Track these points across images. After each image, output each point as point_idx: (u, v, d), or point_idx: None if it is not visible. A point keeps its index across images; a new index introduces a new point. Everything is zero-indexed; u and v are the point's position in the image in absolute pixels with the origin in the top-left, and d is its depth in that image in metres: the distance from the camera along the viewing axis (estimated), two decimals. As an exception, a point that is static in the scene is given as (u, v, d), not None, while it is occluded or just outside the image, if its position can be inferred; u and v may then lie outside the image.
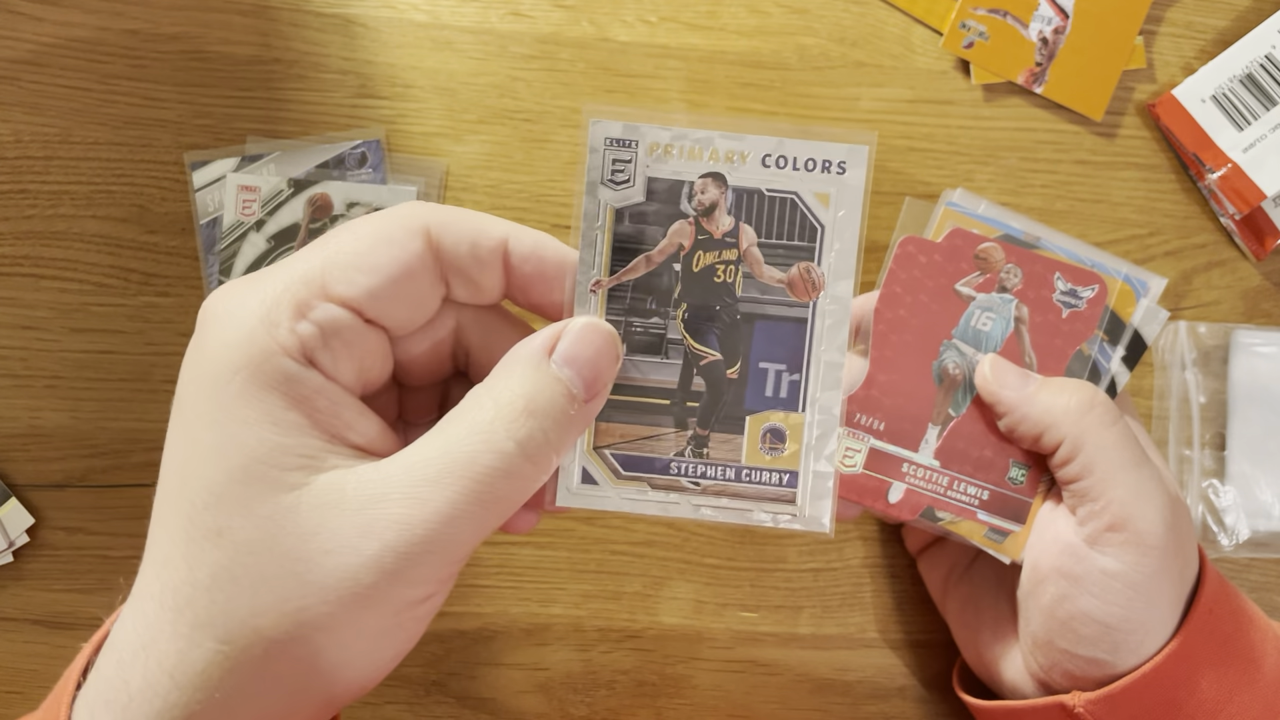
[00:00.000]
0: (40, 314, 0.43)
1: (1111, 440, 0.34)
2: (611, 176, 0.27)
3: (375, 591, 0.23)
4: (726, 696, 0.44)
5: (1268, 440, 0.46)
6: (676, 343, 0.28)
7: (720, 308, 0.28)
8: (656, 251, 0.28)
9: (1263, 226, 0.46)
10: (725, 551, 0.44)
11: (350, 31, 0.43)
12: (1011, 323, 0.36)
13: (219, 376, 0.24)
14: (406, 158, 0.43)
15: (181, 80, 0.43)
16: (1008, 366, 0.36)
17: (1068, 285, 0.36)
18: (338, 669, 0.24)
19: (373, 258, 0.25)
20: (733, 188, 0.28)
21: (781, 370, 0.28)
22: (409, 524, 0.23)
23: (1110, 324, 0.37)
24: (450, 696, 0.43)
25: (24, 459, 0.43)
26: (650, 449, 0.28)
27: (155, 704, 0.23)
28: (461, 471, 0.24)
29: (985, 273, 0.36)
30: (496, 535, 0.44)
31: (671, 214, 0.28)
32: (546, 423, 0.25)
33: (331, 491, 0.24)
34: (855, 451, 0.36)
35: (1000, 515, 0.36)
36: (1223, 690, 0.34)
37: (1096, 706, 0.34)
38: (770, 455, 0.28)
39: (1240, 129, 0.45)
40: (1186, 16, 0.46)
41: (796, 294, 0.28)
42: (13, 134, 0.42)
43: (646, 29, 0.44)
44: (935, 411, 0.36)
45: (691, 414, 0.28)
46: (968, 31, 0.45)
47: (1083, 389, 0.35)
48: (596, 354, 0.26)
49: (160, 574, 0.24)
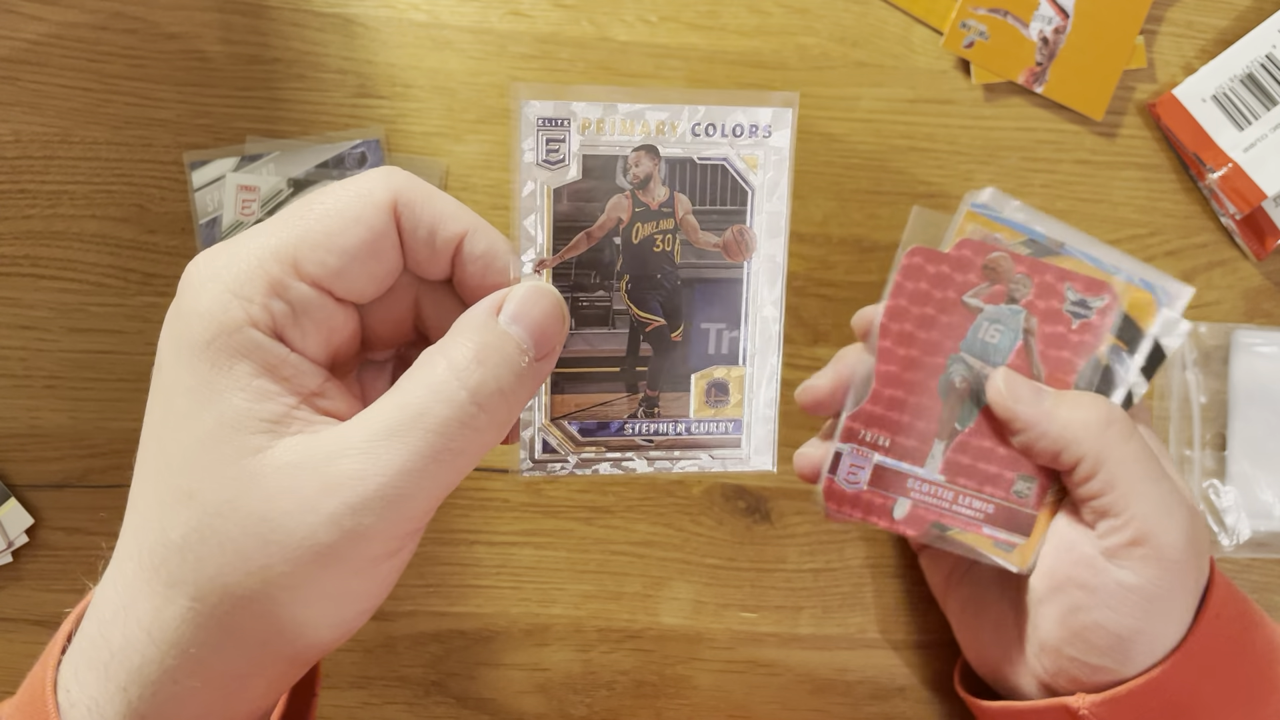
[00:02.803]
0: (40, 314, 0.43)
1: (1131, 455, 0.33)
2: (546, 157, 0.28)
3: (334, 549, 0.24)
4: (726, 697, 0.44)
5: (1268, 440, 0.46)
6: (622, 313, 0.29)
7: (661, 275, 0.29)
8: (596, 227, 0.29)
9: (1263, 226, 0.46)
10: (725, 551, 0.44)
11: (350, 31, 0.43)
12: (1020, 334, 0.35)
13: (194, 345, 0.25)
14: (406, 157, 0.43)
15: (181, 80, 0.43)
16: (1021, 381, 0.35)
17: (1078, 295, 0.35)
18: (302, 626, 0.25)
19: (344, 239, 0.26)
20: (665, 158, 0.28)
21: (722, 329, 0.30)
22: (363, 479, 0.24)
23: (1128, 332, 0.36)
24: (450, 696, 0.43)
25: (23, 459, 0.43)
26: (604, 414, 0.30)
27: (134, 660, 0.25)
28: (414, 423, 0.24)
29: (994, 283, 0.35)
30: (496, 535, 0.44)
31: (608, 189, 0.28)
32: (499, 372, 0.26)
33: (294, 453, 0.25)
34: (860, 469, 0.36)
35: (1006, 528, 0.36)
36: (1227, 694, 0.34)
37: (1101, 709, 0.34)
38: (715, 407, 0.30)
39: (1241, 129, 0.45)
40: (1187, 16, 0.46)
41: (731, 256, 0.30)
42: (13, 134, 0.42)
43: (646, 29, 0.44)
44: (941, 426, 0.36)
45: (641, 377, 0.30)
46: (968, 31, 0.45)
47: (1099, 404, 0.34)
48: (543, 314, 0.27)
49: (137, 535, 0.25)
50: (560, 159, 0.28)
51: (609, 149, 0.28)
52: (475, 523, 0.44)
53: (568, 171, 0.28)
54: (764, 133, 0.29)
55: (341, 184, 0.27)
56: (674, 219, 0.29)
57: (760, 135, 0.29)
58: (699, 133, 0.28)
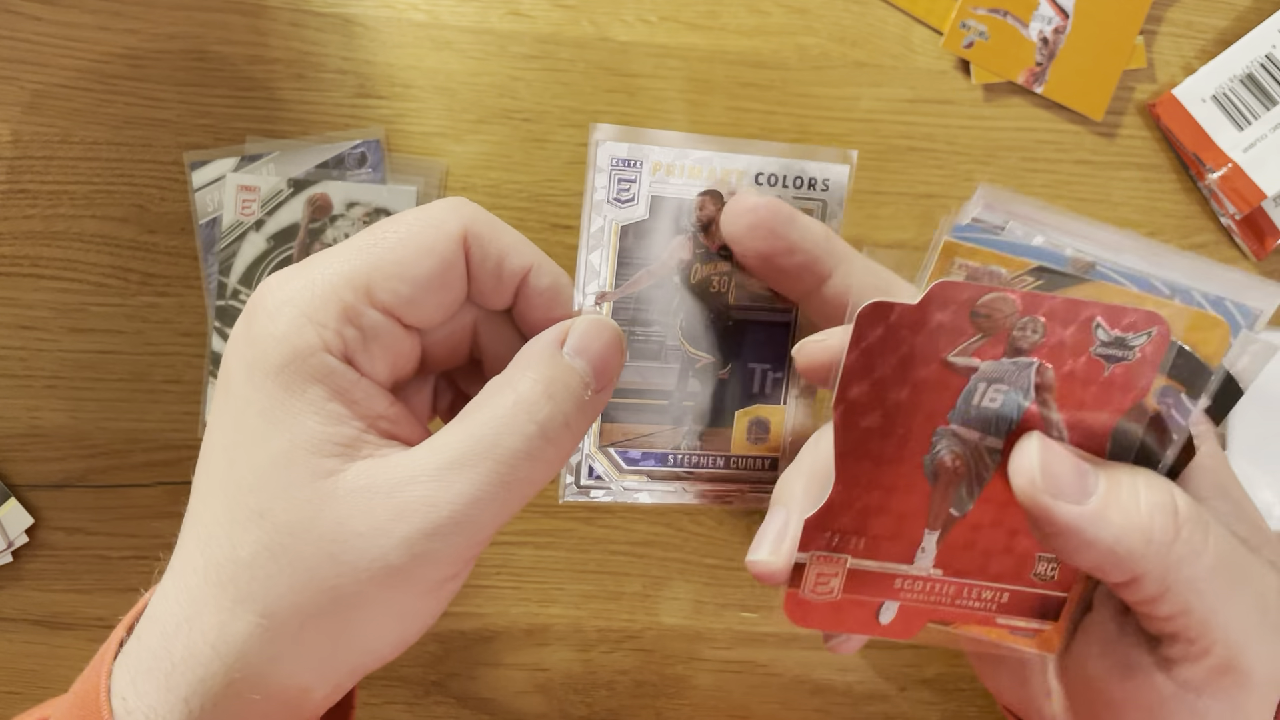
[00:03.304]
0: (40, 314, 0.43)
1: (1208, 569, 0.26)
2: (617, 195, 0.29)
3: (404, 571, 0.25)
4: (726, 696, 0.44)
5: (1268, 440, 0.46)
6: (674, 348, 0.30)
7: (714, 315, 0.30)
8: (658, 266, 0.30)
9: (1263, 226, 0.46)
10: (725, 551, 0.44)
11: (349, 31, 0.43)
12: (1030, 393, 0.27)
13: (268, 368, 0.26)
14: (406, 158, 0.43)
15: (181, 80, 0.43)
16: (1064, 461, 0.26)
17: (1111, 334, 0.26)
18: (366, 641, 0.26)
19: (416, 269, 0.27)
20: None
21: (767, 369, 0.31)
22: (435, 506, 0.25)
23: (1187, 370, 0.27)
24: (450, 696, 0.43)
25: (24, 459, 0.43)
26: (650, 444, 0.31)
27: (197, 672, 0.25)
28: (485, 453, 0.25)
29: (988, 333, 0.26)
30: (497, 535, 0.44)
31: (672, 229, 0.29)
32: (565, 406, 0.26)
33: (365, 477, 0.25)
34: (831, 576, 0.28)
35: (1025, 616, 0.29)
36: None
37: None
38: (755, 444, 0.31)
39: (1240, 129, 0.45)
40: (1186, 16, 0.46)
41: (782, 301, 0.31)
42: (12, 134, 0.42)
43: (646, 29, 0.44)
44: (932, 515, 0.28)
45: (687, 411, 0.31)
46: (968, 31, 0.45)
47: (1163, 500, 0.26)
48: (605, 346, 0.27)
49: (204, 549, 0.26)
50: (630, 198, 0.29)
51: (676, 191, 0.29)
52: (475, 523, 0.44)
53: (636, 210, 0.29)
54: (822, 186, 0.30)
55: (414, 213, 0.27)
56: (731, 263, 0.30)
57: (819, 189, 0.30)
58: (762, 182, 0.29)
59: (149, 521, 0.42)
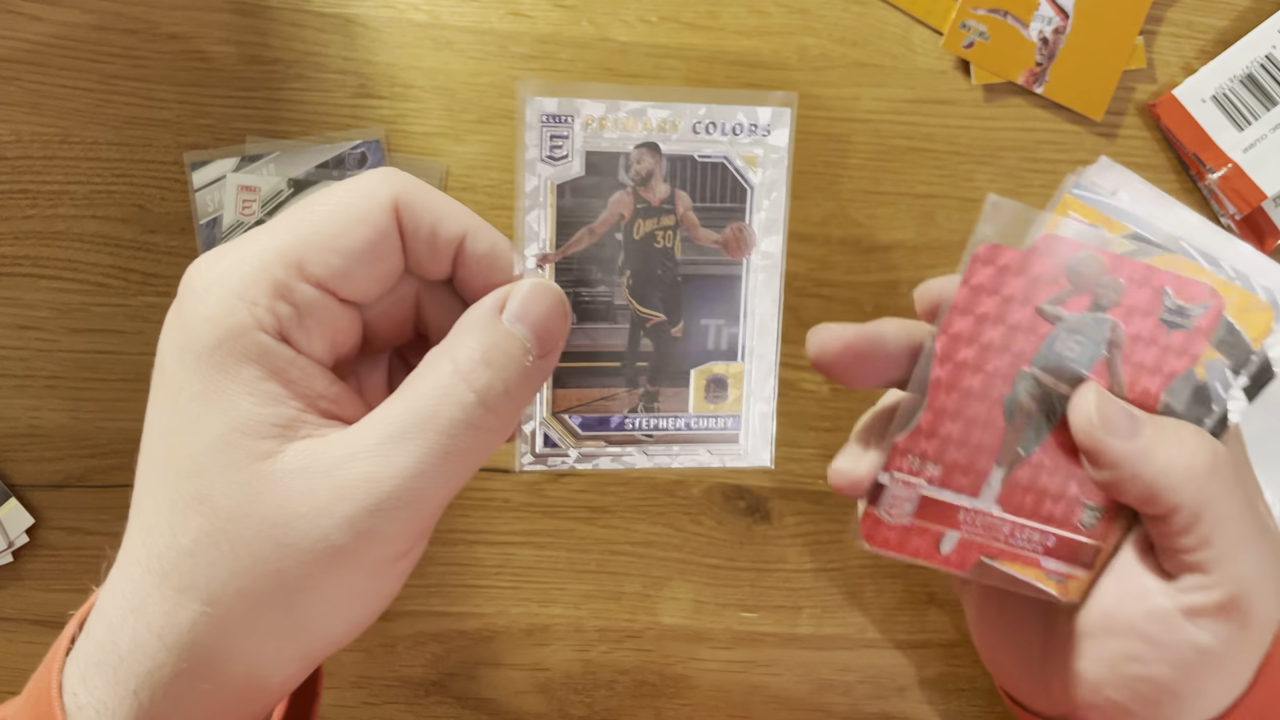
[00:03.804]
0: (40, 314, 0.43)
1: (1235, 510, 0.30)
2: (550, 153, 0.28)
3: (349, 551, 0.24)
4: (726, 696, 0.44)
5: (1268, 440, 0.46)
6: (623, 308, 0.30)
7: (662, 271, 0.30)
8: (599, 223, 0.29)
9: (1263, 226, 0.46)
10: (725, 551, 0.44)
11: (350, 31, 0.43)
12: (1103, 347, 0.30)
13: (200, 350, 0.25)
14: (406, 158, 0.43)
15: (181, 80, 0.43)
16: (1116, 406, 0.30)
17: (1176, 302, 0.30)
18: (316, 625, 0.26)
19: (347, 240, 0.26)
20: (666, 156, 0.29)
21: (721, 325, 0.30)
22: (377, 481, 0.24)
23: (1234, 347, 0.30)
24: (450, 696, 0.43)
25: (24, 459, 0.43)
26: (605, 408, 0.30)
27: (145, 664, 0.25)
28: (424, 425, 0.25)
29: (1077, 288, 0.30)
30: (496, 535, 0.44)
31: (610, 185, 0.29)
32: (505, 373, 0.26)
33: (304, 457, 0.25)
34: (905, 500, 0.31)
35: (1067, 562, 0.32)
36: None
37: None
38: (714, 403, 0.31)
39: (1240, 129, 0.45)
40: (1186, 16, 0.46)
41: (731, 252, 0.30)
42: (13, 134, 0.42)
43: (646, 29, 0.44)
44: (1002, 451, 0.31)
45: (641, 373, 0.30)
46: (968, 31, 0.45)
47: (1203, 444, 0.30)
48: (546, 311, 0.27)
49: (146, 540, 0.25)
50: (564, 155, 0.28)
51: (611, 146, 0.28)
52: (475, 523, 0.44)
53: (571, 167, 0.28)
54: (763, 131, 0.29)
55: (342, 185, 0.27)
56: (675, 215, 0.29)
57: (760, 134, 0.29)
58: (700, 131, 0.29)
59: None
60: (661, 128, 0.28)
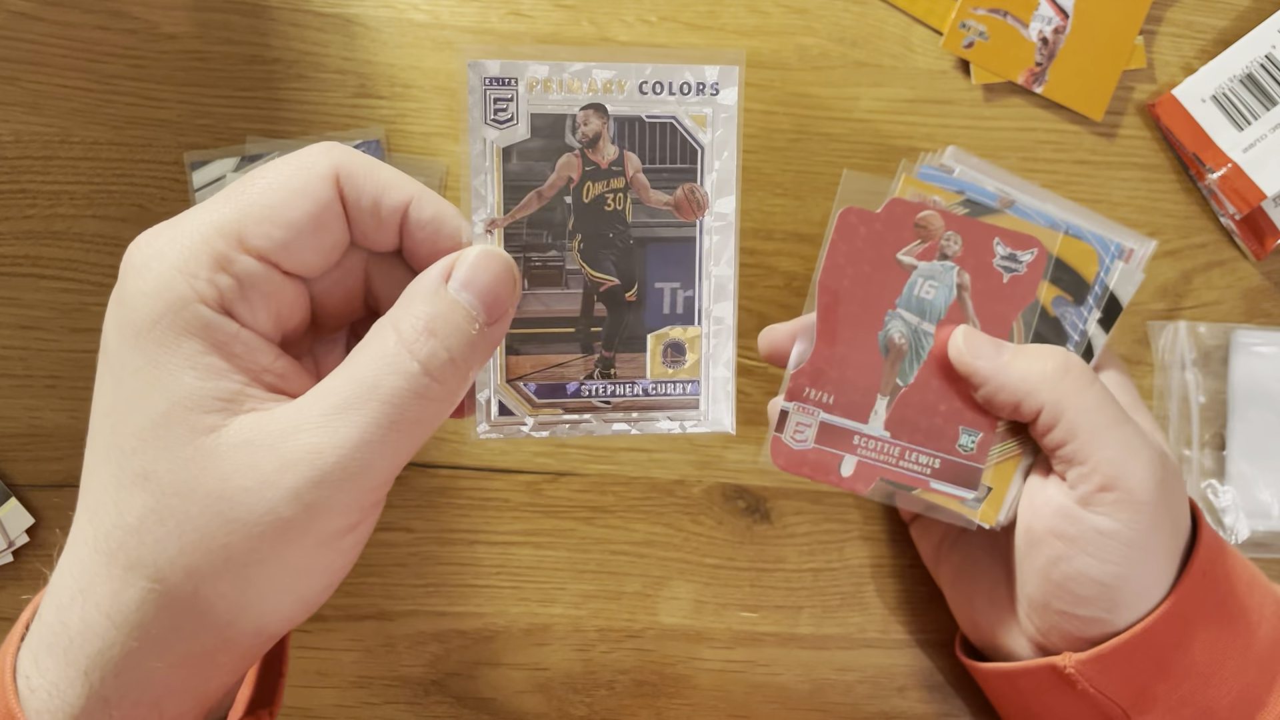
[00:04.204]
0: (40, 314, 0.43)
1: (1091, 402, 0.34)
2: (495, 116, 0.28)
3: (296, 523, 0.24)
4: (726, 696, 0.44)
5: (1267, 440, 0.46)
6: (575, 273, 0.29)
7: (613, 235, 0.29)
8: (546, 186, 0.29)
9: (1263, 226, 0.46)
10: (725, 551, 0.44)
11: (350, 31, 0.43)
12: (954, 290, 0.36)
13: (140, 325, 0.25)
14: (406, 158, 0.43)
15: (181, 80, 0.43)
16: (981, 337, 0.35)
17: (1007, 250, 0.36)
18: (266, 601, 0.26)
19: (287, 211, 0.26)
20: (614, 117, 0.28)
21: (676, 288, 0.30)
22: (321, 453, 0.24)
23: (1072, 284, 0.36)
24: (450, 696, 0.43)
25: (24, 459, 0.43)
26: (560, 375, 0.30)
27: (95, 644, 0.25)
28: (368, 395, 0.25)
29: (926, 240, 0.36)
30: (496, 535, 0.44)
31: (557, 148, 0.28)
32: (449, 341, 0.26)
33: (249, 430, 0.25)
34: (806, 427, 0.36)
35: (953, 483, 0.36)
36: (1216, 653, 0.34)
37: (1087, 667, 0.34)
38: (673, 368, 0.30)
39: (1240, 129, 0.45)
40: (1186, 16, 0.46)
41: (683, 214, 0.29)
42: (13, 134, 0.42)
43: (646, 29, 0.44)
44: (883, 382, 0.36)
45: (596, 338, 0.30)
46: (968, 31, 0.45)
47: (1055, 354, 0.35)
48: (494, 278, 0.27)
49: (92, 519, 0.25)
50: (509, 118, 0.28)
51: (557, 108, 0.28)
52: (475, 523, 0.44)
53: (516, 130, 0.28)
54: (711, 90, 0.29)
55: (283, 159, 0.27)
56: (624, 178, 0.29)
57: (708, 93, 0.29)
58: (646, 91, 0.28)
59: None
60: (607, 88, 0.28)
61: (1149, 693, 0.34)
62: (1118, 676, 0.34)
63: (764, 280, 0.45)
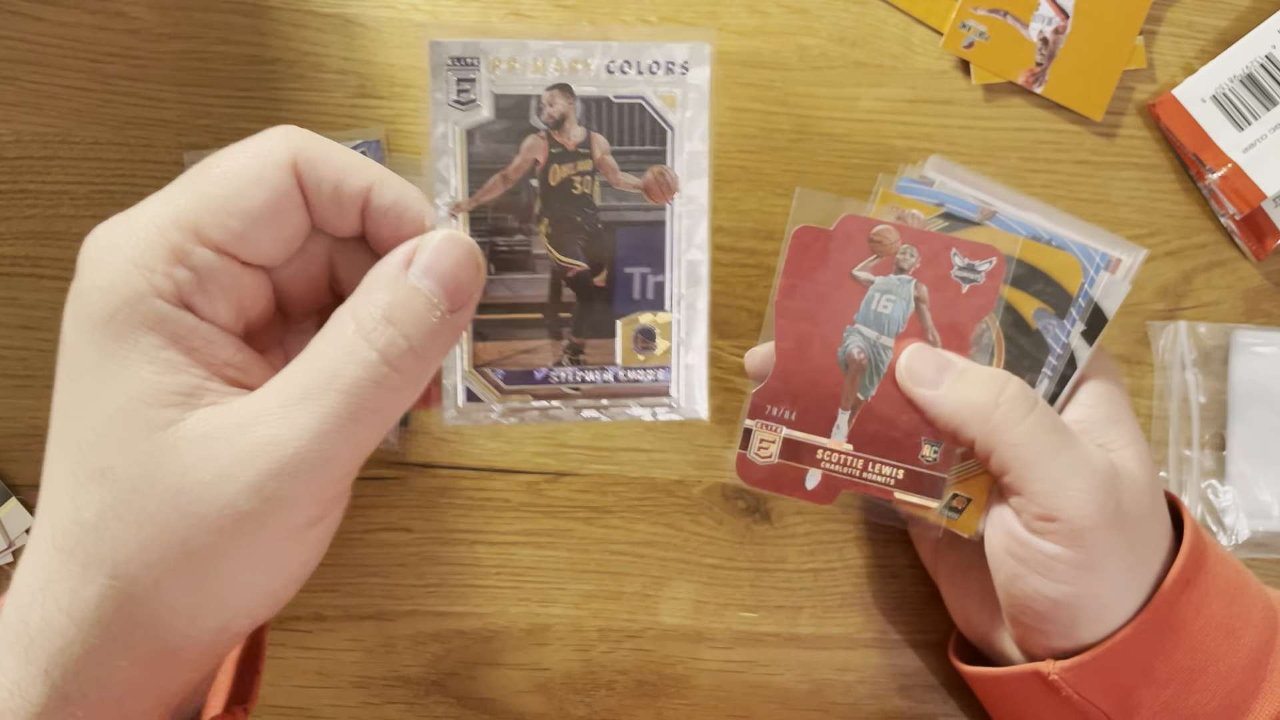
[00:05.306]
0: (40, 314, 0.43)
1: (1023, 435, 0.33)
2: (457, 97, 0.27)
3: (256, 517, 0.24)
4: (726, 696, 0.44)
5: (1267, 441, 0.46)
6: (542, 257, 0.28)
7: (581, 218, 0.28)
8: (512, 169, 0.28)
9: (1263, 226, 0.46)
10: (725, 551, 0.44)
11: (350, 31, 0.43)
12: (912, 303, 0.36)
13: (96, 320, 0.25)
14: (406, 158, 0.43)
15: (181, 80, 0.43)
16: (925, 360, 0.35)
17: (965, 260, 0.35)
18: (228, 596, 0.25)
19: (244, 201, 0.25)
20: (580, 98, 0.28)
21: (646, 273, 0.29)
22: (280, 445, 0.24)
23: (1053, 296, 0.36)
24: (450, 696, 0.43)
25: (24, 459, 0.43)
26: (529, 362, 0.29)
27: (55, 642, 0.24)
28: (327, 386, 0.24)
29: (881, 255, 0.36)
30: (496, 535, 0.44)
31: (522, 130, 0.27)
32: (408, 329, 0.25)
33: (206, 424, 0.24)
34: (770, 443, 0.37)
35: (917, 493, 0.37)
36: (1198, 659, 0.34)
37: (1070, 674, 0.34)
38: (644, 354, 0.30)
39: (1240, 129, 0.45)
40: (1186, 16, 0.46)
41: (653, 198, 0.29)
42: (13, 134, 0.42)
43: (646, 29, 0.44)
44: (844, 397, 0.36)
45: (565, 324, 0.29)
46: (968, 31, 0.45)
47: (990, 385, 0.34)
48: (456, 265, 0.26)
49: (51, 516, 0.25)
50: (472, 99, 0.27)
51: (522, 88, 0.27)
52: (475, 523, 0.44)
53: (480, 112, 0.27)
54: (681, 69, 0.28)
55: (239, 145, 0.26)
56: (592, 160, 0.28)
57: (678, 72, 0.28)
58: (614, 70, 0.27)
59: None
60: (573, 68, 0.27)
61: (1132, 698, 0.34)
62: (1100, 683, 0.34)
63: (764, 280, 0.45)
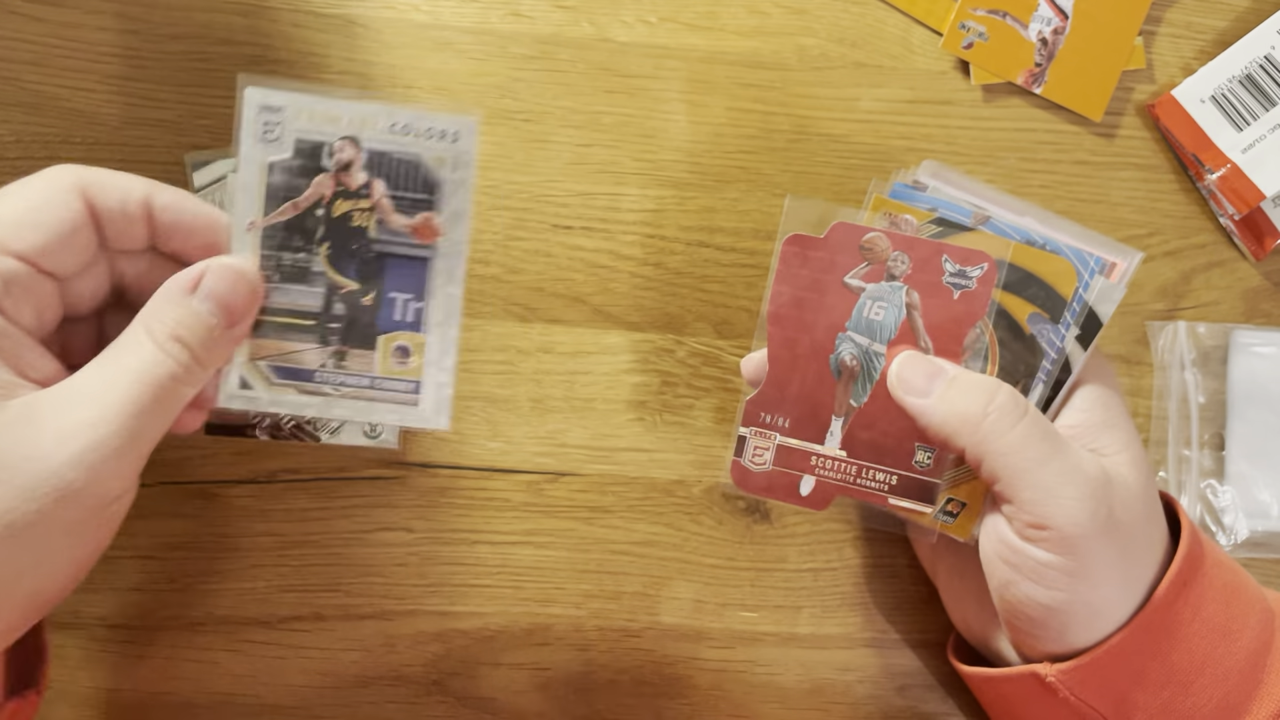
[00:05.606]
0: (40, 314, 0.43)
1: (1010, 446, 0.34)
2: (264, 135, 0.33)
3: (75, 486, 0.28)
4: (726, 696, 0.44)
5: (1267, 440, 0.46)
6: (320, 274, 0.34)
7: (357, 246, 0.34)
8: (302, 199, 0.33)
9: (1262, 227, 0.46)
10: (725, 551, 0.44)
11: (350, 32, 0.43)
12: (903, 310, 0.36)
13: None
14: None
15: (181, 80, 0.43)
16: (915, 369, 0.36)
17: (956, 266, 0.36)
18: (43, 565, 0.29)
19: (40, 216, 0.30)
20: (367, 149, 0.33)
21: (409, 299, 0.34)
22: (95, 425, 0.28)
23: (1048, 300, 0.36)
24: (450, 696, 0.43)
25: None
26: (299, 361, 0.34)
27: None
28: (132, 380, 0.29)
29: (872, 263, 0.36)
30: (496, 535, 0.44)
31: (315, 169, 0.33)
32: (192, 341, 0.30)
33: (26, 409, 0.28)
34: (764, 450, 0.37)
35: (911, 498, 0.37)
36: (1194, 661, 0.34)
37: (1067, 677, 0.35)
38: (399, 367, 0.35)
39: (1239, 129, 0.45)
40: (1186, 17, 0.46)
41: (420, 237, 0.34)
42: (13, 134, 0.42)
43: (646, 29, 0.44)
44: (837, 404, 0.37)
45: (333, 333, 0.34)
46: (967, 32, 0.45)
47: (979, 394, 0.34)
48: (231, 289, 0.31)
49: None
50: (276, 138, 0.33)
51: (319, 136, 0.33)
52: (475, 523, 0.44)
53: (282, 148, 0.33)
54: (452, 138, 0.33)
55: (27, 178, 0.31)
56: (371, 200, 0.33)
57: (449, 140, 0.33)
58: (397, 131, 0.33)
59: (150, 521, 0.42)
60: (364, 124, 0.33)
61: (1129, 700, 0.34)
62: (1097, 685, 0.34)
63: (763, 280, 0.45)
